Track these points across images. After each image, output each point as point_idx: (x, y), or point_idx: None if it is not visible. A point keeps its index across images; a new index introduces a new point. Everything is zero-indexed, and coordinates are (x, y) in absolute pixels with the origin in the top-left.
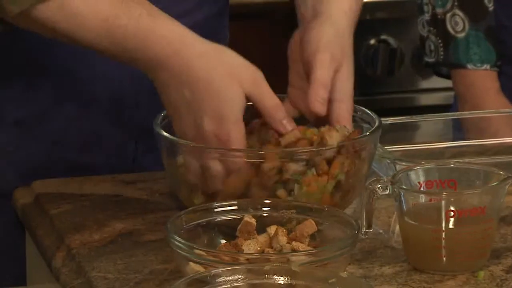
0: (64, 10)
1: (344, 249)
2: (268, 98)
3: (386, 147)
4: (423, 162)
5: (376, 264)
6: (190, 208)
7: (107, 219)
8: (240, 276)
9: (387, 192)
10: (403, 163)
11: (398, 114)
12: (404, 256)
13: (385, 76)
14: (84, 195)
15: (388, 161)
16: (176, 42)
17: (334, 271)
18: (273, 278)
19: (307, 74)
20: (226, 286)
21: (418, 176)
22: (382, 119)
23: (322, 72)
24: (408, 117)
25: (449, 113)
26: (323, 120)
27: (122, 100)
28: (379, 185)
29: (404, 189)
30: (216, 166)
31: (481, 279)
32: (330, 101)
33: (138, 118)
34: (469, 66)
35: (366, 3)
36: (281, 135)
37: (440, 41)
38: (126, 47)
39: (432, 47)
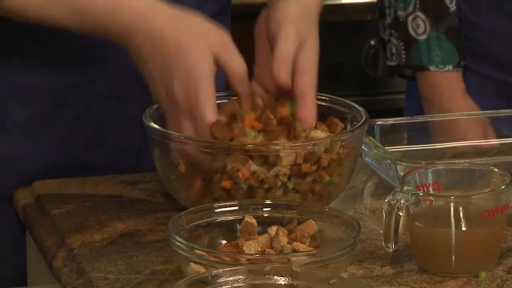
0: None
1: (345, 249)
2: (235, 62)
3: (386, 148)
4: (423, 163)
5: (377, 265)
6: (191, 209)
7: (108, 220)
8: (241, 277)
9: (407, 204)
10: (404, 164)
11: (399, 114)
12: (405, 256)
13: (386, 77)
14: (85, 196)
15: (389, 162)
16: (146, 10)
17: (335, 272)
18: (273, 279)
19: (272, 49)
20: (227, 286)
21: (426, 177)
22: (383, 119)
23: (286, 44)
24: (408, 117)
25: (449, 114)
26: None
27: (125, 98)
28: (400, 198)
29: (412, 191)
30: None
31: (482, 279)
32: (293, 74)
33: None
34: (432, 68)
35: (366, 3)
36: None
37: (401, 44)
38: (97, 21)
39: (394, 50)
